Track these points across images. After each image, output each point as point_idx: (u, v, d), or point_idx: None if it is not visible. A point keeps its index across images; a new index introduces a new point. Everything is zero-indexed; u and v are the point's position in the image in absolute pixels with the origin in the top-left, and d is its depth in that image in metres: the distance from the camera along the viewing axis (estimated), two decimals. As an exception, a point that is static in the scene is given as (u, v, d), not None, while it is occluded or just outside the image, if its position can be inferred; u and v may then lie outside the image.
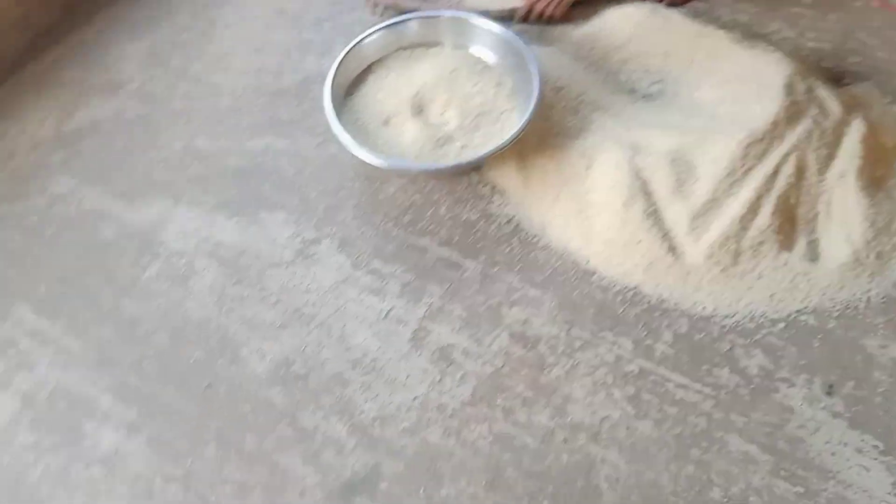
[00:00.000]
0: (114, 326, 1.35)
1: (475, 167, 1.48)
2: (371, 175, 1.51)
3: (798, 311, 1.27)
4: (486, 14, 1.69)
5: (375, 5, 1.79)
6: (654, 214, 1.30)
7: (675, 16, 1.63)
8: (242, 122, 1.64)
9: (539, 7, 1.66)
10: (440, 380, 1.23)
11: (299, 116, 1.64)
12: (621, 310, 1.28)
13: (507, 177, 1.45)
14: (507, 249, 1.37)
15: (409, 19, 1.63)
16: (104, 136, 1.65)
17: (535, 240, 1.38)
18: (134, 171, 1.58)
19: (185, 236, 1.46)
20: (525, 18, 1.72)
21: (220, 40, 1.83)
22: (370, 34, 1.61)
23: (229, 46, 1.81)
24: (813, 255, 1.30)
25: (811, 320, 1.25)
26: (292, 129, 1.61)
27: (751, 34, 1.62)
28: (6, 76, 1.80)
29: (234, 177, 1.55)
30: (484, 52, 1.61)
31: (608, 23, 1.65)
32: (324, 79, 1.53)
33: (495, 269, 1.34)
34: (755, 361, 1.22)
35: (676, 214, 1.30)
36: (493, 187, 1.46)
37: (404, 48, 1.65)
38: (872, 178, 1.31)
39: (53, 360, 1.32)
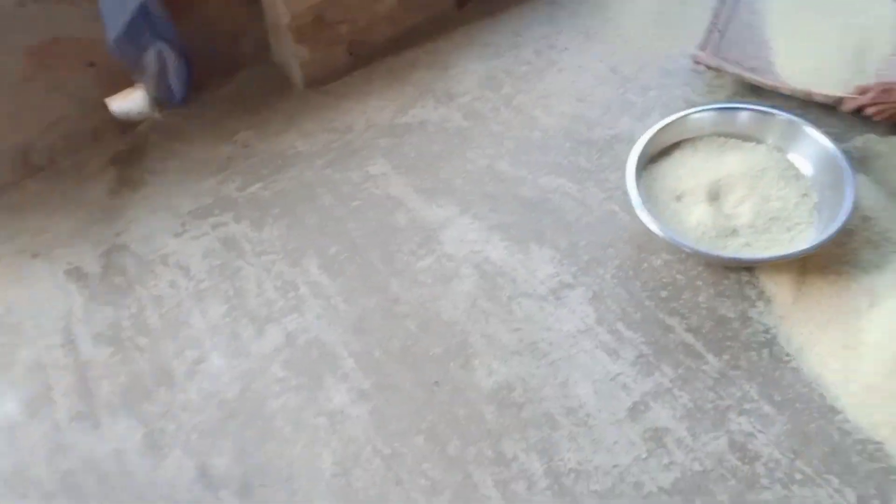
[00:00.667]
0: (378, 301, 1.51)
1: (750, 267, 1.46)
2: (643, 244, 1.54)
3: None
4: (810, 96, 1.65)
5: (698, 63, 1.82)
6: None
7: None
8: (545, 159, 1.75)
9: (870, 110, 1.59)
10: (646, 458, 1.23)
11: (596, 168, 1.71)
12: (856, 460, 1.19)
13: (779, 286, 1.40)
14: (755, 358, 1.33)
15: (742, 108, 1.63)
16: (426, 136, 1.85)
17: (787, 358, 1.32)
18: (440, 173, 1.75)
19: (461, 243, 1.59)
20: (855, 112, 1.64)
21: (550, 81, 1.95)
22: (696, 111, 1.64)
23: (557, 89, 1.93)
24: None
25: None
26: (586, 178, 1.69)
27: None
28: (368, 62, 2.07)
29: (521, 204, 1.65)
30: (802, 161, 1.57)
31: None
32: (632, 141, 1.59)
33: (735, 373, 1.31)
34: None
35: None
36: (761, 292, 1.42)
37: (721, 135, 1.65)
38: None
39: (320, 314, 1.51)
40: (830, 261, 1.39)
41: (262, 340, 1.48)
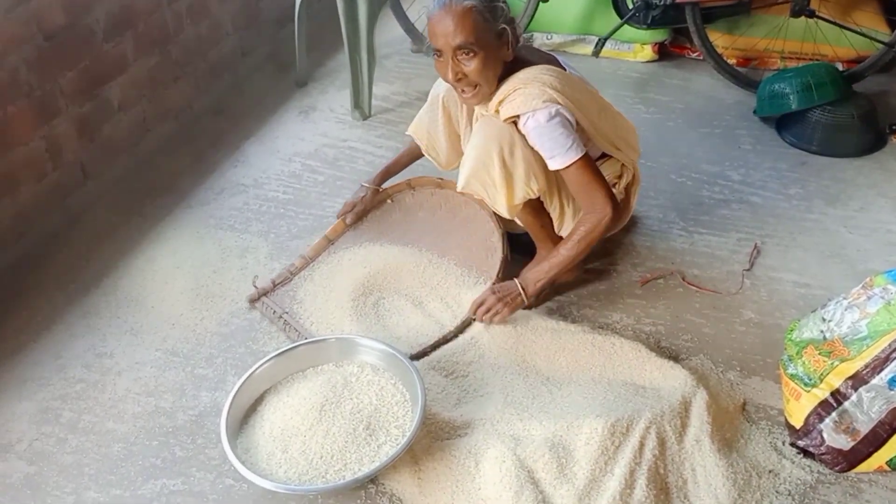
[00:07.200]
0: None
1: (371, 479, 1.54)
2: (272, 498, 1.54)
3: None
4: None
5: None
6: (543, 501, 1.39)
7: (533, 316, 1.85)
8: (135, 467, 1.65)
9: (486, 318, 1.82)
10: None
11: (194, 452, 1.68)
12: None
13: (403, 484, 1.51)
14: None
15: (298, 345, 1.77)
16: (-10, 501, 1.62)
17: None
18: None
19: None
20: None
21: (112, 388, 1.87)
22: (262, 364, 1.72)
23: (122, 392, 1.85)
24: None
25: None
26: (187, 467, 1.64)
27: (598, 325, 1.86)
28: None
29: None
30: (372, 360, 1.74)
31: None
32: (219, 412, 1.61)
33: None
34: None
35: (564, 498, 1.39)
36: (391, 496, 1.51)
37: (295, 371, 1.76)
38: (723, 441, 1.49)
39: None
40: (432, 437, 1.56)
41: None
